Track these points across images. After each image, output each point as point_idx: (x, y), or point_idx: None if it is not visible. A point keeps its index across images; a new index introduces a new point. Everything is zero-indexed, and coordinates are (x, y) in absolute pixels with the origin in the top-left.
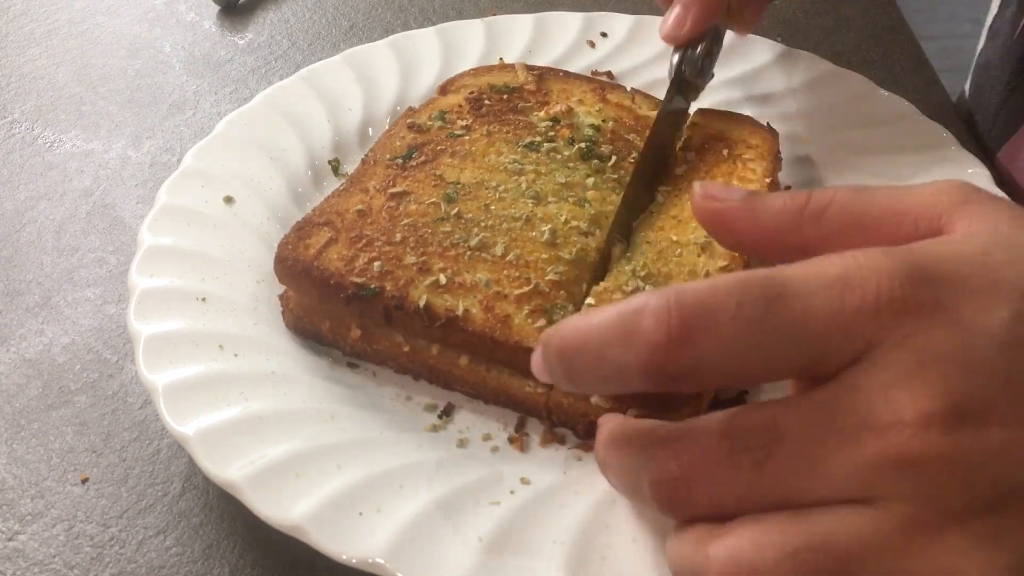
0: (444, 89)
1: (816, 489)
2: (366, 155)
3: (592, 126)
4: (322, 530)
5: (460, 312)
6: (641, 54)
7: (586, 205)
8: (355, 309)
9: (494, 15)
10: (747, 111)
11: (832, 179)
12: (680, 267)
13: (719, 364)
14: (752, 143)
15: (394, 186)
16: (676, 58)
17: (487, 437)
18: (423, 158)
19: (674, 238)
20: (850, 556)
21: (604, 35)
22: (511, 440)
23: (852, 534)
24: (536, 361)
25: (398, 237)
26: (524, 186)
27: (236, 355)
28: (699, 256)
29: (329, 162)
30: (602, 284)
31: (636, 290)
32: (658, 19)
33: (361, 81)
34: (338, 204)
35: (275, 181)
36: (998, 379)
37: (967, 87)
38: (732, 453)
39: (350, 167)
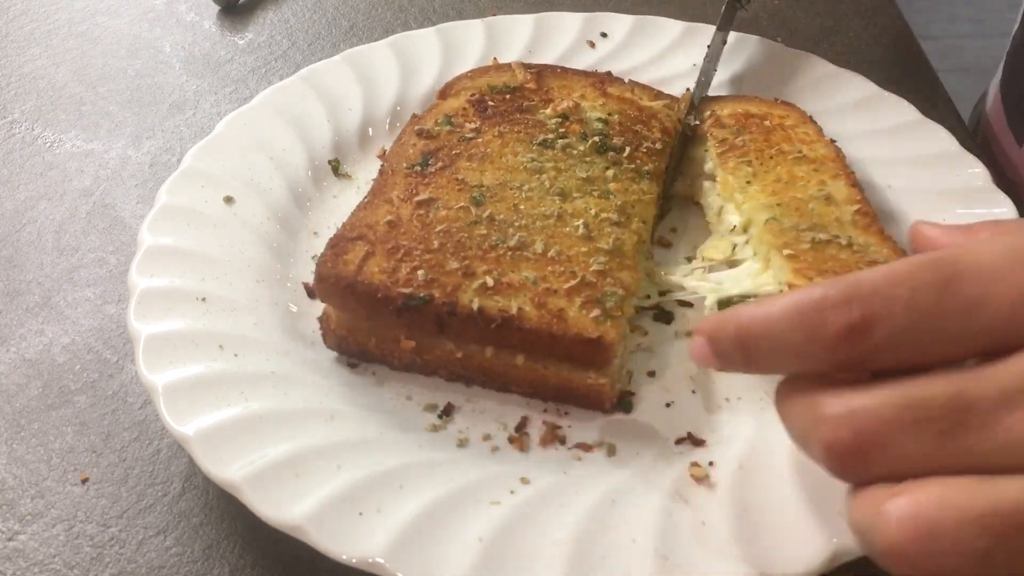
0: (444, 93)
1: (1005, 457)
2: (382, 166)
3: (600, 119)
4: (322, 530)
5: (514, 311)
6: (641, 54)
7: (611, 197)
8: (406, 320)
9: (494, 15)
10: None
11: None
12: (823, 218)
13: (898, 348)
14: (778, 113)
15: (418, 194)
16: None
17: (487, 437)
18: (440, 163)
19: (796, 195)
20: None
21: (604, 35)
22: (511, 440)
23: None
24: (700, 346)
25: (436, 244)
26: (547, 184)
27: (236, 355)
28: (827, 206)
29: (329, 162)
30: (780, 240)
31: (816, 243)
32: (658, 19)
33: (361, 81)
34: (366, 217)
35: (275, 181)
36: None
37: (998, 74)
38: (916, 423)
39: (350, 167)
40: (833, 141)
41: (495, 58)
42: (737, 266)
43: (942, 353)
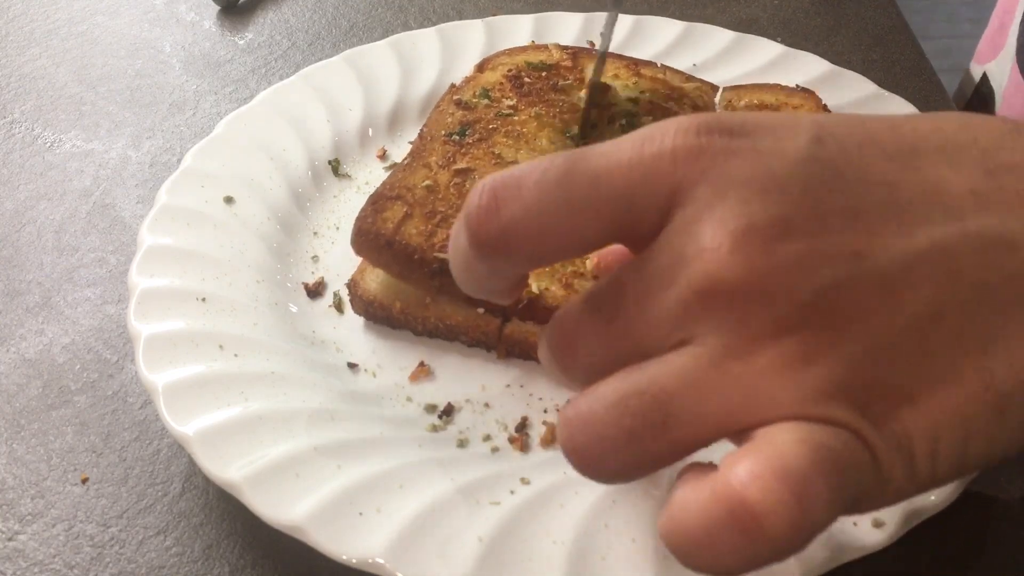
0: (482, 67)
1: (651, 337)
2: (421, 131)
3: (630, 99)
4: (322, 530)
5: (538, 292)
6: (641, 54)
7: None
8: (437, 283)
9: (494, 15)
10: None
11: None
12: None
13: (528, 229)
14: (794, 103)
15: (456, 162)
16: None
17: (487, 437)
18: (477, 135)
19: None
20: (669, 394)
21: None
22: (511, 440)
23: (671, 373)
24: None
25: None
26: None
27: (236, 355)
28: None
29: (329, 162)
30: None
31: None
32: (658, 19)
33: (361, 81)
34: (405, 179)
35: (275, 181)
36: (794, 194)
37: (1007, 41)
38: (590, 312)
39: (350, 167)
40: None
41: (532, 40)
42: None
43: (581, 236)
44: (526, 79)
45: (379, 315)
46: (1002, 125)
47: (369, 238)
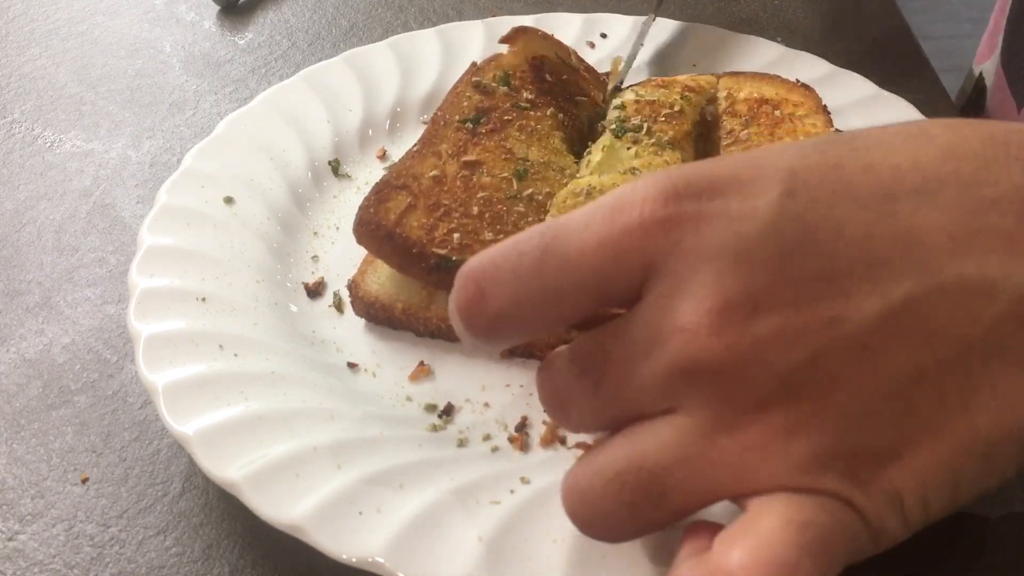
0: (510, 38)
1: (639, 402)
2: (435, 114)
3: (617, 107)
4: (322, 530)
5: None
6: (641, 54)
7: (636, 173)
8: (434, 279)
9: (494, 15)
10: None
11: None
12: None
13: (516, 315)
14: (793, 100)
15: (466, 153)
16: None
17: (487, 437)
18: (491, 126)
19: None
20: (663, 468)
21: (604, 36)
22: (511, 440)
23: (663, 447)
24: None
25: (475, 210)
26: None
27: (236, 355)
28: None
29: (329, 162)
30: None
31: None
32: (658, 19)
33: (361, 81)
34: (413, 167)
35: (275, 181)
36: (767, 263)
37: (1000, 41)
38: (577, 377)
39: (350, 167)
40: (838, 132)
41: (553, 35)
42: None
43: (564, 313)
44: (547, 76)
45: (380, 316)
46: (989, 143)
47: (370, 228)
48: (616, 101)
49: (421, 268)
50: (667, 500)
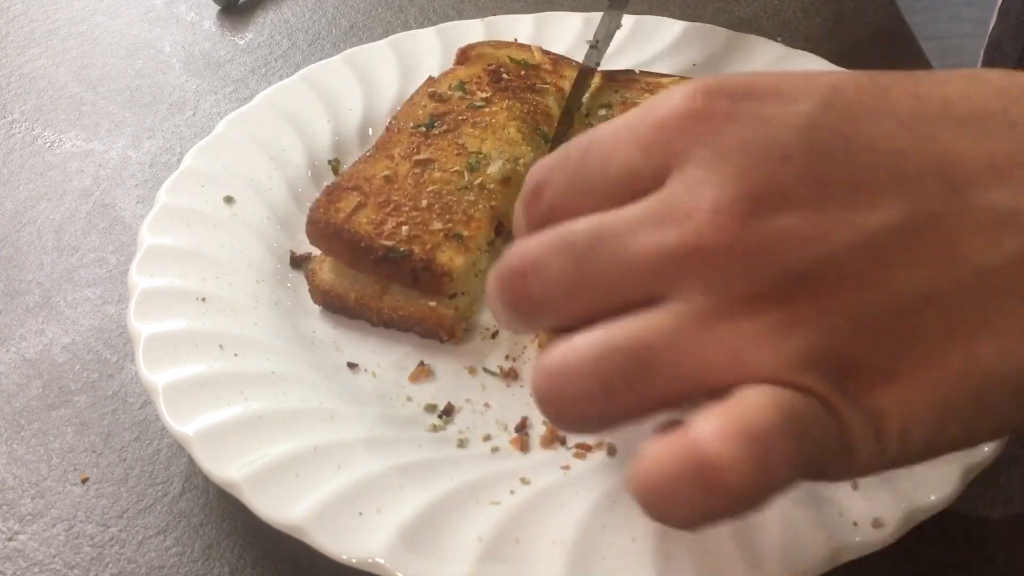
0: (463, 56)
1: (620, 288)
2: (389, 123)
3: (603, 106)
4: (322, 530)
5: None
6: (641, 54)
7: None
8: (384, 270)
9: (494, 15)
10: None
11: None
12: None
13: (564, 205)
14: None
15: (418, 153)
16: None
17: (487, 437)
18: (445, 127)
19: None
20: (651, 350)
21: None
22: (511, 440)
23: (652, 329)
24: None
25: (424, 203)
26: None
27: (236, 355)
28: None
29: (329, 162)
30: None
31: None
32: (658, 19)
33: (361, 81)
34: (365, 170)
35: (275, 181)
36: (797, 164)
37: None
38: (563, 246)
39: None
40: None
41: (516, 38)
42: None
43: (597, 204)
44: (504, 75)
45: (336, 304)
46: None
47: (319, 227)
48: (602, 100)
49: (370, 261)
50: (647, 385)
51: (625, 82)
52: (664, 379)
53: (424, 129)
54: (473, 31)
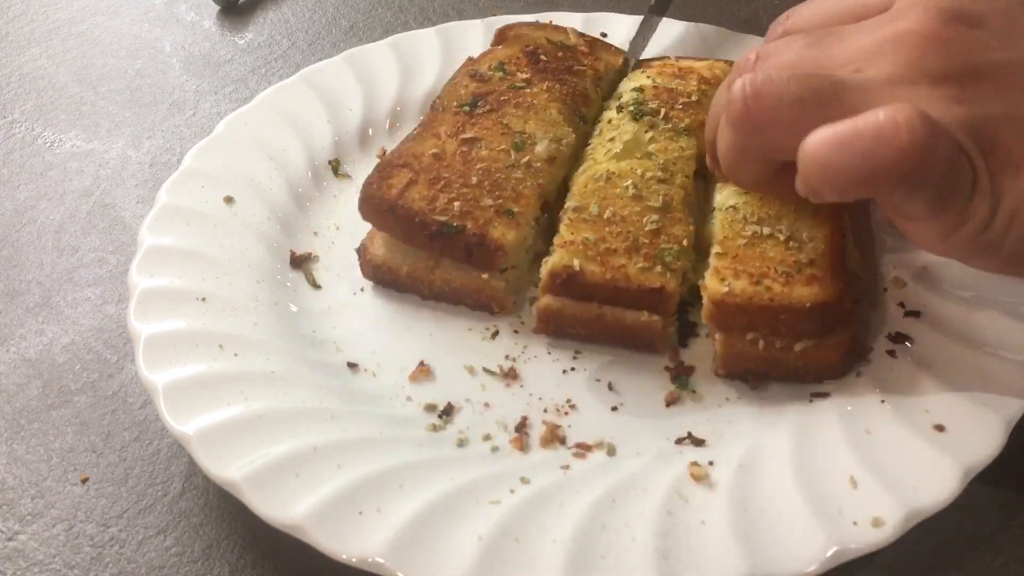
0: (501, 37)
1: (841, 54)
2: (433, 102)
3: (635, 89)
4: (322, 529)
5: (578, 267)
6: (641, 54)
7: (652, 158)
8: (438, 245)
9: (494, 15)
10: None
11: None
12: (785, 205)
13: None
14: None
15: (464, 132)
16: None
17: (487, 437)
18: (488, 107)
19: None
20: (844, 84)
21: (604, 35)
22: (511, 440)
23: (847, 74)
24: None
25: (474, 180)
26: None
27: (236, 355)
28: None
29: (329, 162)
30: (717, 230)
31: (755, 236)
32: (659, 19)
33: (361, 81)
34: (413, 148)
35: (275, 181)
36: (1000, 4)
37: None
38: (795, 38)
39: (350, 167)
40: None
41: (551, 20)
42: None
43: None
44: (543, 56)
45: (387, 279)
46: None
47: (374, 203)
48: (634, 84)
49: (424, 236)
50: (830, 107)
51: (658, 67)
52: (841, 107)
53: (468, 108)
54: (473, 31)
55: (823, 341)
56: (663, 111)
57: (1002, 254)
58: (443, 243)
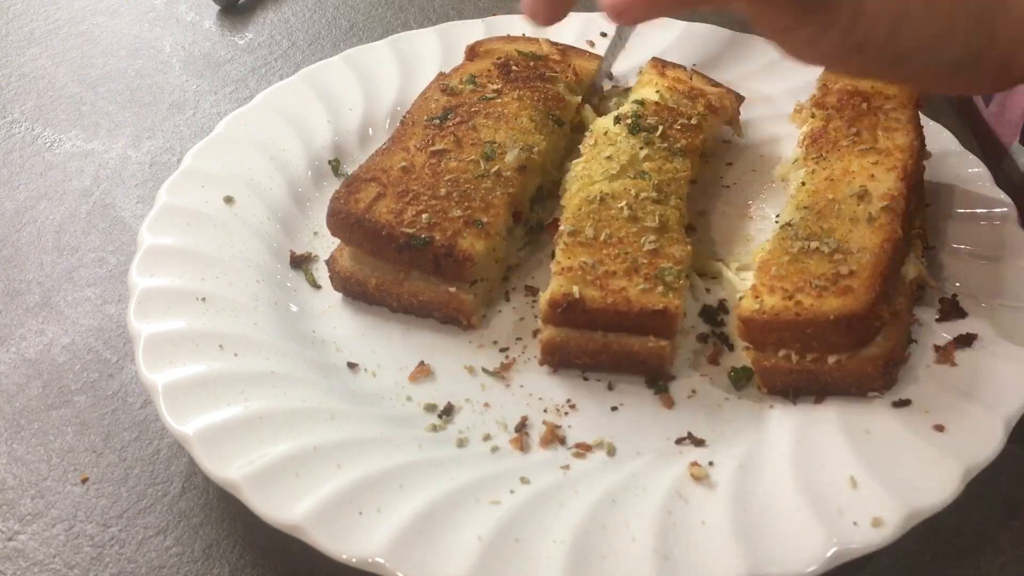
0: (472, 52)
1: None
2: (404, 116)
3: (636, 101)
4: (322, 529)
5: (578, 295)
6: (640, 54)
7: (645, 177)
8: (405, 257)
9: (494, 15)
10: (752, 110)
11: None
12: (841, 219)
13: None
14: (889, 93)
15: (434, 144)
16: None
17: (487, 437)
18: (459, 119)
19: (830, 196)
20: None
21: (604, 35)
22: (511, 440)
23: None
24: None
25: (443, 191)
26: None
27: (236, 355)
28: (857, 205)
29: (329, 162)
30: (767, 247)
31: (801, 251)
32: (659, 19)
33: (361, 81)
34: (382, 162)
35: (275, 181)
36: None
37: None
38: None
39: (350, 167)
40: (921, 126)
41: (524, 33)
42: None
43: None
44: (514, 67)
45: (356, 291)
46: None
47: (340, 217)
48: (635, 96)
49: (392, 249)
50: None
51: (672, 79)
52: None
53: (438, 121)
54: (473, 31)
55: (858, 354)
56: (660, 128)
57: (868, 55)
58: (411, 255)
